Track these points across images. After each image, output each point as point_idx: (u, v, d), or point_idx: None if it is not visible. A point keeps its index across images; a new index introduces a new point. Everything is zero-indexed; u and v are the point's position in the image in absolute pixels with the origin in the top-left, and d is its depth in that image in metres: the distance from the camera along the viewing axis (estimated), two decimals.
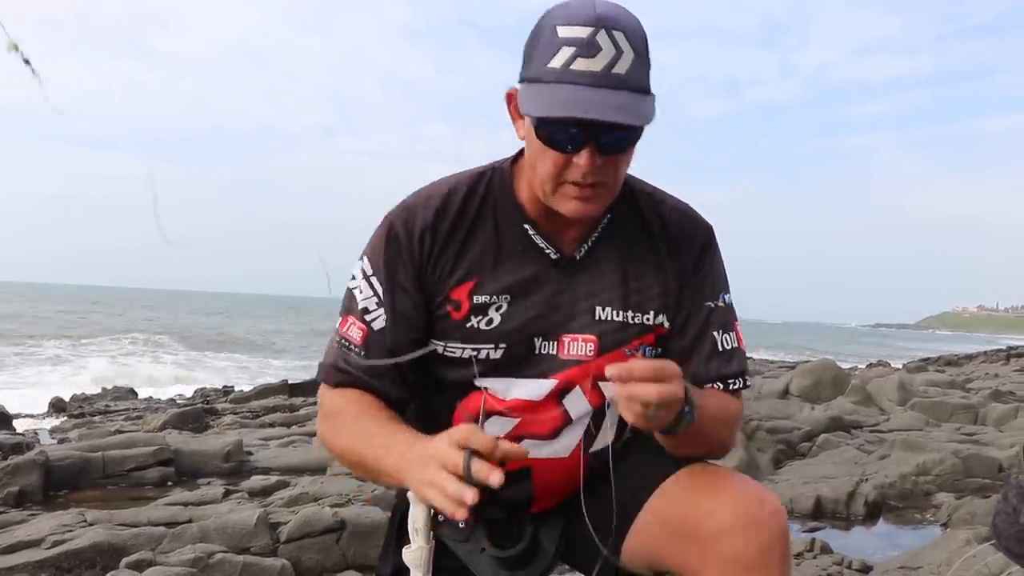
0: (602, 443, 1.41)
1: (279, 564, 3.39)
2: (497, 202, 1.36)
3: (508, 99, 1.30)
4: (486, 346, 1.34)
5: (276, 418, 9.10)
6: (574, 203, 1.25)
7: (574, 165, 1.21)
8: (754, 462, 5.47)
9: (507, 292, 1.33)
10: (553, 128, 1.20)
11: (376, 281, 1.35)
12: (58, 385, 13.99)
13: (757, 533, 1.22)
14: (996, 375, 15.73)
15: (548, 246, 1.35)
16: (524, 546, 1.36)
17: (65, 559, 3.37)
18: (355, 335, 1.35)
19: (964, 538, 3.53)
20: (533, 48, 1.21)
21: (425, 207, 1.35)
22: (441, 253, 1.34)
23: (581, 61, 1.15)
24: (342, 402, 1.36)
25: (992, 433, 6.90)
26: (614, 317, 1.36)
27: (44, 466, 4.86)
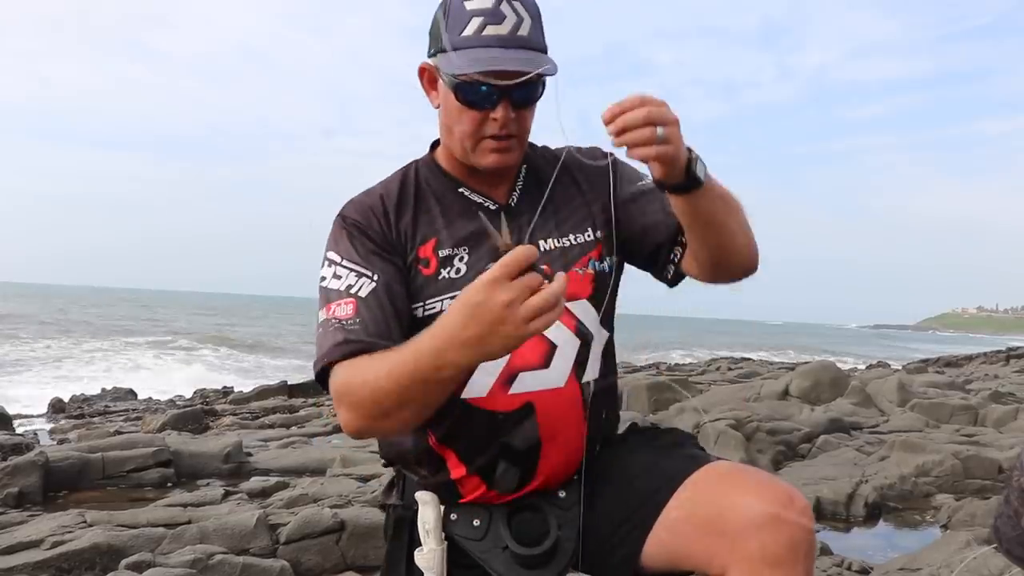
0: (592, 372, 1.46)
1: (279, 565, 3.39)
2: (429, 180, 1.50)
3: (421, 73, 1.45)
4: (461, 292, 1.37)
5: (276, 419, 9.11)
6: (493, 155, 1.40)
7: (491, 120, 1.37)
8: (753, 463, 5.47)
9: (464, 244, 1.43)
10: (471, 89, 1.34)
11: (348, 262, 1.39)
12: (63, 385, 14.00)
13: (787, 528, 1.23)
14: (996, 376, 15.73)
15: (484, 200, 1.47)
16: (549, 545, 1.36)
17: (65, 560, 3.37)
18: (345, 311, 1.34)
19: (964, 540, 3.53)
20: (443, 23, 1.35)
21: (368, 195, 1.47)
22: (397, 222, 1.44)
23: (490, 28, 1.32)
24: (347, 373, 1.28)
25: (992, 434, 6.90)
26: (556, 245, 1.47)
27: (44, 467, 4.86)
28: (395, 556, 1.47)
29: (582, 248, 1.48)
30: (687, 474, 1.36)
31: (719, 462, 1.39)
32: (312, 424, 8.57)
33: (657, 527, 1.36)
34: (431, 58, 1.41)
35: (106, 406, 11.36)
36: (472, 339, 1.11)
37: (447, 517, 1.41)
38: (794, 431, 6.63)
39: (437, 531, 1.39)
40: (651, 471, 1.41)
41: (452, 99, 1.37)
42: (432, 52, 1.40)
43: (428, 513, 1.39)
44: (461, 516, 1.41)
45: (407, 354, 1.18)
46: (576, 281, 1.46)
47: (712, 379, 13.56)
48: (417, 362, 1.17)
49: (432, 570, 1.37)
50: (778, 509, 1.24)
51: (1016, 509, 1.04)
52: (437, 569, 1.38)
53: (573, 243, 1.48)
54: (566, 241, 1.48)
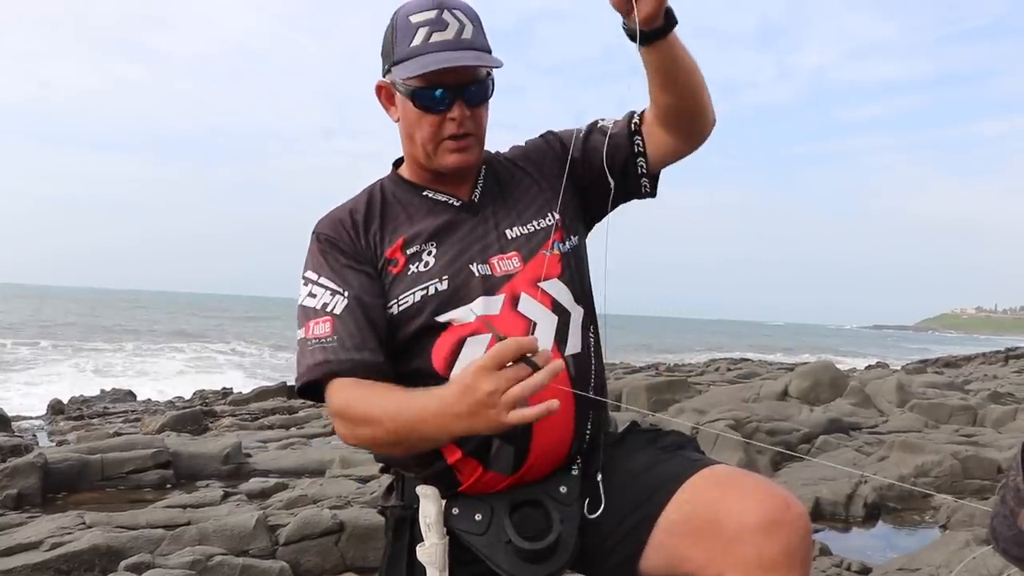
0: (574, 346, 1.51)
1: (278, 566, 3.39)
2: (395, 192, 1.58)
3: (378, 91, 1.55)
4: (431, 282, 1.46)
5: (275, 420, 9.11)
6: (455, 156, 1.49)
7: (448, 121, 1.46)
8: (753, 464, 5.46)
9: (431, 239, 1.50)
10: (426, 94, 1.44)
11: (323, 279, 1.46)
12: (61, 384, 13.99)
13: (783, 534, 1.25)
14: (995, 376, 15.73)
15: (449, 198, 1.55)
16: (552, 540, 1.36)
17: (64, 561, 3.37)
18: (323, 330, 1.41)
19: (963, 540, 3.53)
20: (393, 40, 1.47)
21: (339, 210, 1.55)
22: (366, 232, 1.51)
23: (436, 35, 1.43)
24: (344, 396, 1.38)
25: (991, 434, 6.90)
26: (521, 232, 1.55)
27: (43, 468, 4.85)
28: (396, 555, 1.47)
29: (545, 232, 1.55)
30: (686, 477, 1.36)
31: (718, 466, 1.39)
32: (311, 425, 8.57)
33: (656, 529, 1.36)
34: (387, 75, 1.51)
35: (105, 407, 11.36)
36: (462, 415, 1.21)
37: (448, 511, 1.42)
38: (793, 431, 6.63)
39: (438, 525, 1.39)
40: (651, 472, 1.42)
41: (410, 107, 1.47)
42: (387, 69, 1.50)
43: (429, 507, 1.40)
44: (463, 510, 1.42)
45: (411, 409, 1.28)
46: (540, 263, 1.52)
47: (711, 380, 13.57)
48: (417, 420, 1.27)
49: (434, 564, 1.37)
50: (775, 515, 1.25)
51: (1012, 509, 1.04)
52: (439, 563, 1.38)
53: (537, 228, 1.55)
54: (529, 227, 1.55)
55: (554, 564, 1.38)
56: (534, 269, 1.50)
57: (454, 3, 1.46)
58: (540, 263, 1.51)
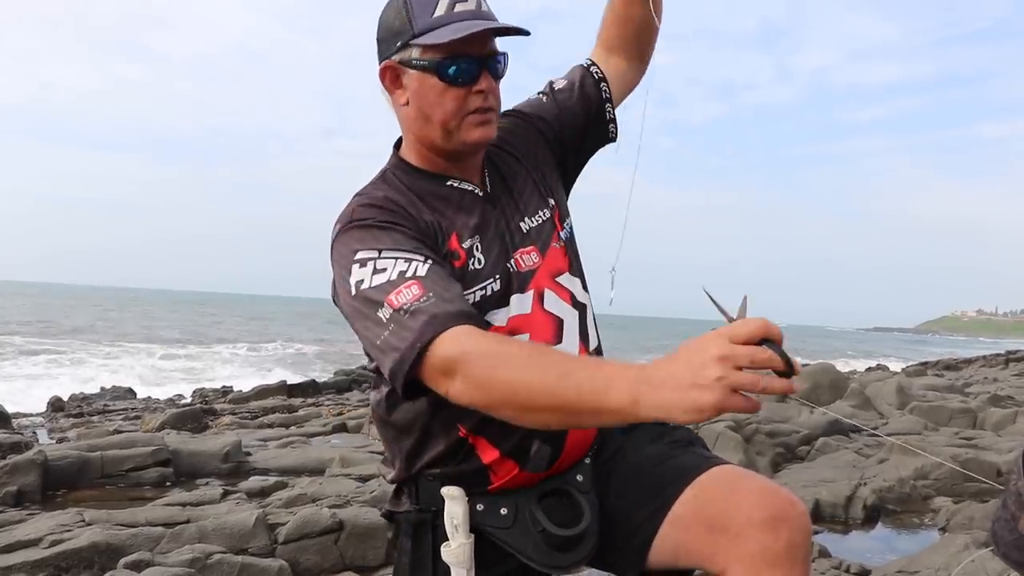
0: (594, 339, 1.53)
1: (277, 565, 3.39)
2: (414, 181, 1.47)
3: (382, 75, 1.45)
4: (488, 282, 1.41)
5: (275, 419, 9.11)
6: (479, 130, 1.41)
7: (474, 94, 1.39)
8: (753, 465, 5.47)
9: (476, 233, 1.44)
10: (454, 66, 1.37)
11: (389, 251, 1.29)
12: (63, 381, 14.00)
13: (787, 530, 1.28)
14: (995, 379, 15.72)
15: (473, 187, 1.49)
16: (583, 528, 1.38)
17: (63, 559, 3.37)
18: (412, 294, 1.22)
19: (962, 542, 3.53)
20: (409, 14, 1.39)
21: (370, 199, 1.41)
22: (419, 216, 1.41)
23: (459, 5, 1.38)
24: (481, 343, 1.18)
25: (990, 437, 6.90)
26: (531, 224, 1.51)
27: (43, 466, 4.86)
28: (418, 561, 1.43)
29: (550, 224, 1.53)
30: (697, 472, 1.38)
31: (726, 465, 1.41)
32: (311, 424, 8.57)
33: (664, 523, 1.38)
34: (393, 56, 1.42)
35: (105, 405, 11.36)
36: (667, 381, 1.01)
37: (473, 508, 1.41)
38: (793, 433, 6.64)
39: (465, 525, 1.39)
40: (663, 466, 1.43)
41: (430, 83, 1.39)
42: (396, 47, 1.41)
43: (456, 508, 1.39)
44: (487, 507, 1.41)
45: (594, 375, 1.08)
46: (554, 256, 1.50)
47: None
48: (600, 395, 1.06)
49: (462, 564, 1.37)
50: (779, 512, 1.28)
51: (1013, 513, 1.04)
52: (467, 563, 1.38)
53: (543, 220, 1.52)
54: (536, 219, 1.52)
55: (581, 552, 1.39)
56: (551, 263, 1.49)
57: None
58: (554, 257, 1.50)
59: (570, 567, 1.40)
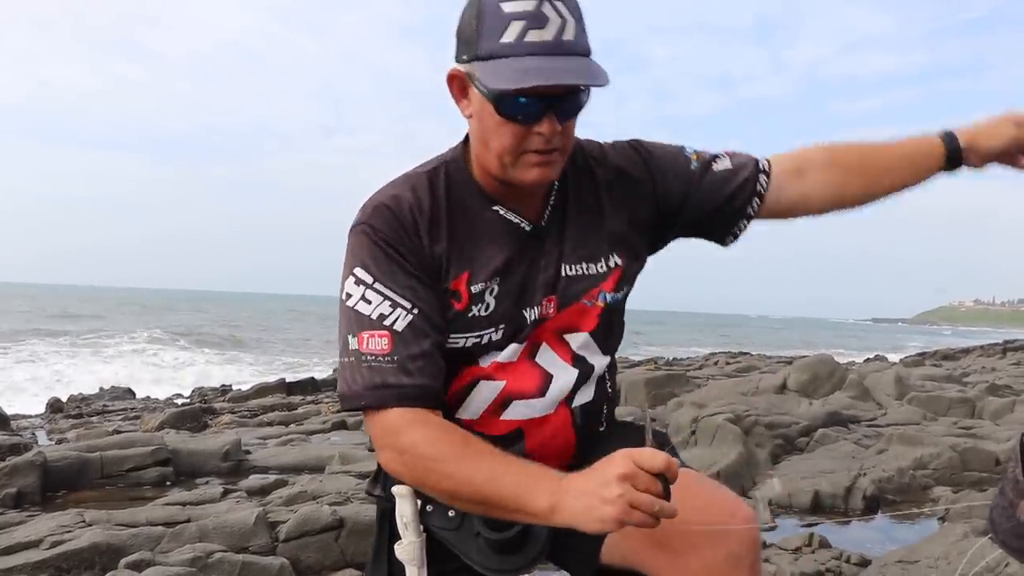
0: (585, 396, 1.44)
1: (278, 563, 3.39)
2: (461, 192, 1.37)
3: (450, 80, 1.32)
4: (487, 331, 1.35)
5: (274, 417, 9.10)
6: (536, 170, 1.28)
7: (535, 135, 1.25)
8: (752, 457, 5.47)
9: (496, 275, 1.35)
10: (513, 103, 1.23)
11: (381, 285, 1.28)
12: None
13: (728, 543, 1.25)
14: (993, 369, 15.74)
15: (521, 220, 1.37)
16: (519, 529, 1.36)
17: (64, 560, 3.37)
18: (379, 345, 1.26)
19: (962, 532, 3.54)
20: (478, 28, 1.23)
21: (397, 207, 1.32)
22: (432, 245, 1.32)
23: (533, 33, 1.19)
24: (417, 435, 1.24)
25: (989, 427, 6.91)
26: (569, 272, 1.39)
27: (42, 467, 4.85)
28: (379, 548, 1.49)
29: (595, 279, 1.41)
30: None
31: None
32: (311, 422, 8.57)
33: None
34: (462, 64, 1.28)
35: (104, 405, 11.36)
36: (580, 492, 1.12)
37: (423, 509, 1.41)
38: (792, 425, 6.64)
39: (415, 524, 1.39)
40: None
41: (489, 111, 1.26)
42: (464, 58, 1.27)
43: (406, 506, 1.40)
44: (436, 508, 1.41)
45: (510, 484, 1.18)
46: (582, 313, 1.40)
47: (710, 374, 13.56)
48: (523, 501, 1.16)
49: (412, 562, 1.39)
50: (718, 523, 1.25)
51: (1011, 500, 1.04)
52: (417, 561, 1.39)
53: (587, 272, 1.40)
54: (582, 269, 1.40)
55: (527, 555, 1.38)
56: (565, 318, 1.39)
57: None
58: (575, 313, 1.40)
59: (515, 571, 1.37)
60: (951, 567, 3.14)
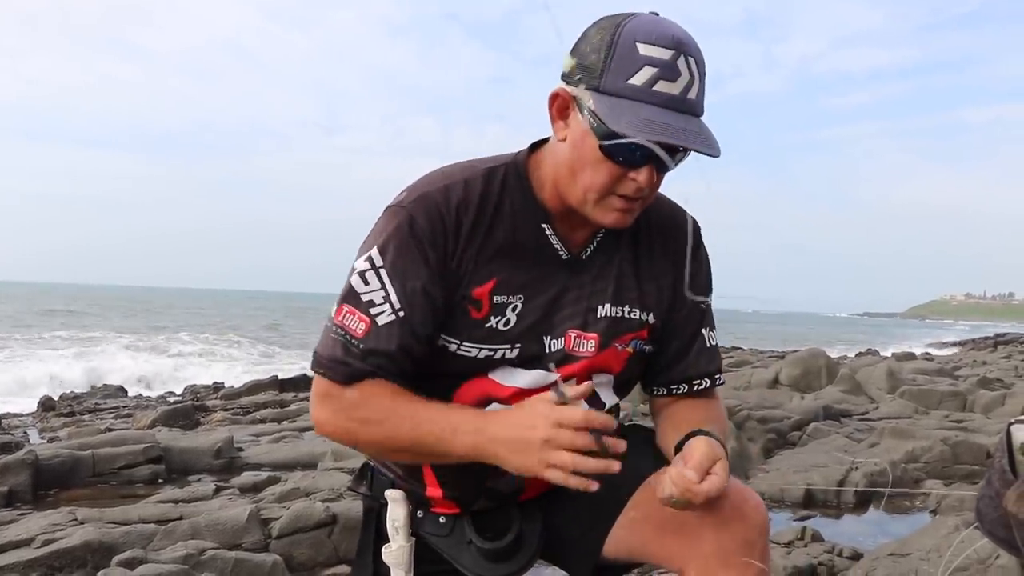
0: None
1: (271, 560, 3.39)
2: (513, 199, 1.34)
3: (553, 98, 1.27)
4: (503, 347, 1.33)
5: (266, 414, 9.09)
6: (616, 215, 1.27)
7: (629, 180, 1.23)
8: (745, 452, 5.49)
9: (522, 291, 1.33)
10: (623, 146, 1.20)
11: (386, 274, 1.28)
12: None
13: (742, 527, 1.28)
14: (984, 362, 15.83)
15: (561, 246, 1.35)
16: (513, 537, 1.37)
17: (56, 558, 3.36)
18: (355, 326, 1.27)
19: (953, 524, 3.55)
20: (607, 59, 1.19)
21: (445, 201, 1.30)
22: (465, 248, 1.30)
23: (663, 84, 1.17)
24: (359, 394, 1.28)
25: (980, 420, 6.95)
26: (610, 314, 1.38)
27: (34, 465, 4.84)
28: (363, 546, 1.49)
29: (631, 325, 1.40)
30: (648, 474, 1.37)
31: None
32: (303, 418, 8.56)
33: (616, 526, 1.38)
34: (573, 86, 1.23)
35: (96, 404, 11.31)
36: (505, 444, 1.21)
37: (414, 514, 1.42)
38: (784, 419, 6.66)
39: (406, 529, 1.40)
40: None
41: (592, 144, 1.22)
42: (580, 83, 1.22)
43: (398, 511, 1.40)
44: (427, 514, 1.42)
45: (440, 428, 1.24)
46: (611, 356, 1.39)
47: None
48: (446, 442, 1.24)
49: (400, 566, 1.39)
50: (732, 510, 1.28)
51: (998, 490, 1.05)
52: (405, 566, 1.39)
53: (625, 316, 1.39)
54: (619, 312, 1.39)
55: (518, 561, 1.39)
56: (602, 360, 1.39)
57: (691, 47, 1.20)
58: (611, 356, 1.39)
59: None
60: (943, 560, 3.16)
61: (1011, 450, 1.06)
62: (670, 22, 1.22)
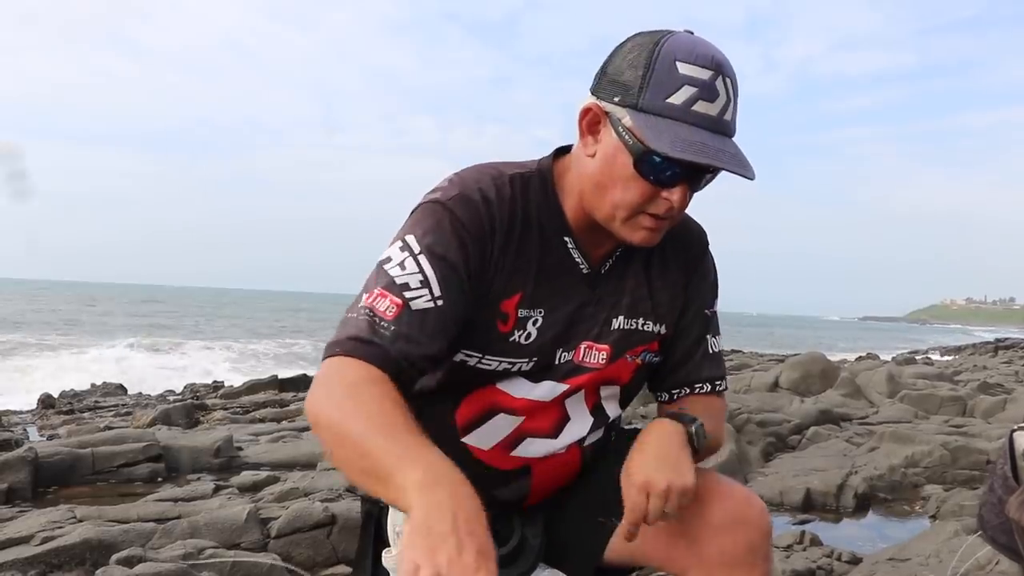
0: (595, 436, 1.44)
1: (269, 559, 3.39)
2: (540, 211, 1.31)
3: (584, 113, 1.25)
4: (520, 360, 1.32)
5: (266, 413, 9.08)
6: (644, 233, 1.26)
7: (661, 199, 1.22)
8: (744, 455, 5.48)
9: (542, 305, 1.31)
10: (655, 165, 1.19)
11: (426, 260, 1.20)
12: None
13: (746, 531, 1.28)
14: (984, 367, 15.83)
15: (583, 261, 1.34)
16: (514, 544, 1.37)
17: (55, 556, 3.36)
18: (386, 308, 1.16)
19: (952, 529, 3.55)
20: (646, 76, 1.17)
21: (484, 203, 1.26)
22: (499, 256, 1.27)
23: (702, 104, 1.16)
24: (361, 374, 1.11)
25: (980, 425, 6.94)
26: (623, 325, 1.37)
27: (33, 463, 4.83)
28: (362, 552, 1.47)
29: (644, 337, 1.40)
30: None
31: None
32: (303, 418, 8.55)
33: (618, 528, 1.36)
34: (607, 102, 1.21)
35: (96, 402, 11.31)
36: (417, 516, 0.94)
37: None
38: (784, 423, 6.66)
39: None
40: (616, 471, 1.41)
41: (625, 161, 1.20)
42: (615, 100, 1.20)
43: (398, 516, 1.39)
44: None
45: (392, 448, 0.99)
46: (621, 367, 1.39)
47: None
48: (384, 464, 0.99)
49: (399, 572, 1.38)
50: (736, 514, 1.29)
51: (1000, 497, 1.05)
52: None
53: (638, 328, 1.39)
54: (632, 324, 1.38)
55: (520, 567, 1.39)
56: (611, 372, 1.38)
57: (728, 68, 1.20)
58: (620, 368, 1.39)
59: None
60: (942, 565, 3.16)
61: (1014, 456, 1.06)
62: (707, 42, 1.20)
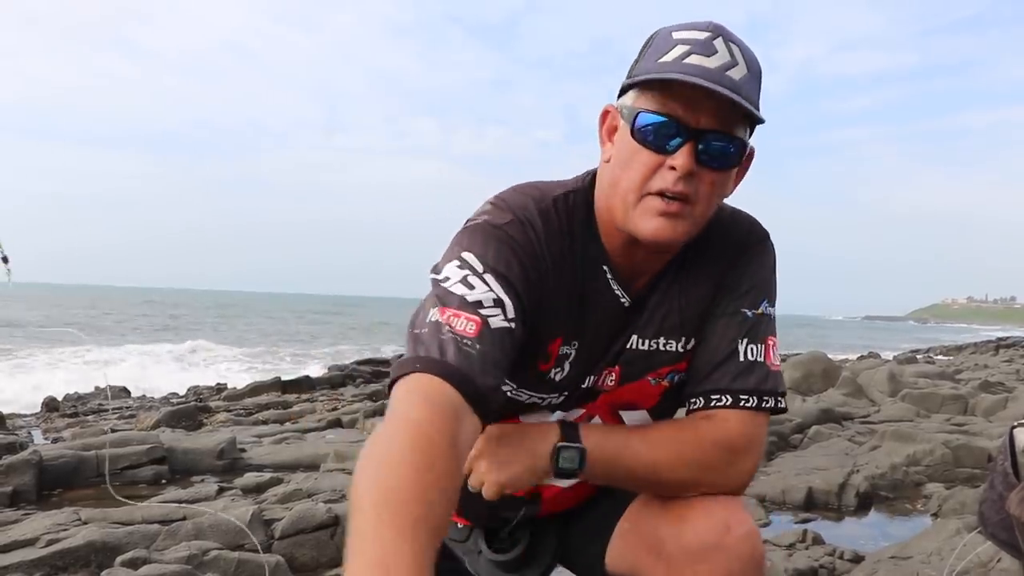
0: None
1: (273, 560, 3.40)
2: (581, 235, 1.23)
3: (603, 118, 1.21)
4: (552, 395, 1.28)
5: (269, 415, 9.09)
6: (657, 221, 1.13)
7: (666, 169, 1.11)
8: None
9: (578, 339, 1.25)
10: (651, 122, 1.11)
11: (492, 279, 1.11)
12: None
13: (721, 559, 1.18)
14: (985, 366, 15.82)
15: (622, 293, 1.25)
16: (521, 550, 1.37)
17: (60, 558, 3.37)
18: (466, 327, 1.06)
19: (954, 528, 3.56)
20: (642, 51, 1.15)
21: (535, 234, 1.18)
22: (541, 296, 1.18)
23: (695, 57, 1.09)
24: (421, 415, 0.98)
25: (981, 423, 6.95)
26: (640, 346, 1.28)
27: (38, 465, 4.85)
28: None
29: (670, 358, 1.29)
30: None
31: None
32: (306, 420, 8.57)
33: (614, 536, 1.38)
34: (619, 100, 1.18)
35: (100, 404, 11.32)
36: None
37: None
38: (786, 422, 6.67)
39: None
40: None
41: (626, 139, 1.14)
42: (621, 90, 1.18)
43: None
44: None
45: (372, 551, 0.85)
46: (644, 390, 1.31)
47: None
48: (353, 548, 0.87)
49: None
50: (712, 539, 1.19)
51: (1001, 493, 1.05)
52: None
53: (662, 349, 1.29)
54: (655, 345, 1.28)
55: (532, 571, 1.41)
56: (626, 395, 1.31)
57: (735, 37, 1.12)
58: (635, 389, 1.30)
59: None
60: (944, 563, 3.16)
61: (1014, 453, 1.07)
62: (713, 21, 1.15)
